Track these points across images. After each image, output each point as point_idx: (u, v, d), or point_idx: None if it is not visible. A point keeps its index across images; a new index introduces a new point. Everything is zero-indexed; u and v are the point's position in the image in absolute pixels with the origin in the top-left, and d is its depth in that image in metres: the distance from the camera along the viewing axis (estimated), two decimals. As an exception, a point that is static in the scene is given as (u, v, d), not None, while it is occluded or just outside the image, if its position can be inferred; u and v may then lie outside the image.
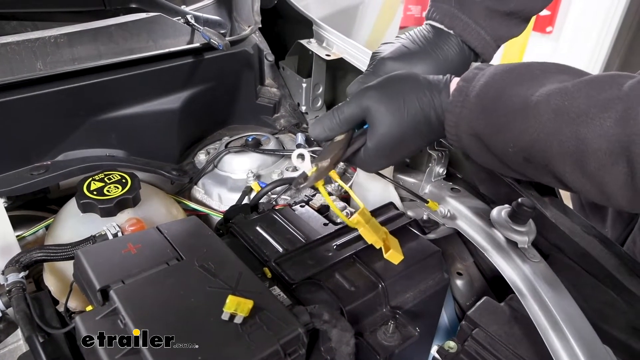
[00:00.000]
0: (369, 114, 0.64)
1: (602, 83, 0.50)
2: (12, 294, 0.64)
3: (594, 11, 3.00)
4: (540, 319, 0.67)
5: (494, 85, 0.57)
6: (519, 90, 0.55)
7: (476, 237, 0.81)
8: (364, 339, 0.64)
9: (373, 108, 0.63)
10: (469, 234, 0.83)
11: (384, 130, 0.63)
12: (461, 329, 0.72)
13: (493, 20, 0.75)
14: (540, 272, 0.73)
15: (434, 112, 0.62)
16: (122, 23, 0.96)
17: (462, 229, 0.84)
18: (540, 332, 0.65)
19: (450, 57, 0.76)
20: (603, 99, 0.48)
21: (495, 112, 0.56)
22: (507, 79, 0.57)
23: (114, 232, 0.74)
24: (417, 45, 0.77)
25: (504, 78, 0.57)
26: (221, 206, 0.99)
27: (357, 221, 0.69)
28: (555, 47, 3.29)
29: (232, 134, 1.15)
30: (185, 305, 0.55)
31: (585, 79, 0.52)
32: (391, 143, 0.64)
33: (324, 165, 0.63)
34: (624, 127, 0.46)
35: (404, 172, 0.97)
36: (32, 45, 0.84)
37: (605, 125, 0.47)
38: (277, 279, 0.68)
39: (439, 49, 0.76)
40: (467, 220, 0.85)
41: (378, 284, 0.68)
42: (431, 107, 0.62)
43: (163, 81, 1.00)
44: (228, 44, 0.98)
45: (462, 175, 0.95)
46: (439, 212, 0.87)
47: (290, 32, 1.29)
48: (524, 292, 0.70)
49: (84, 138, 0.93)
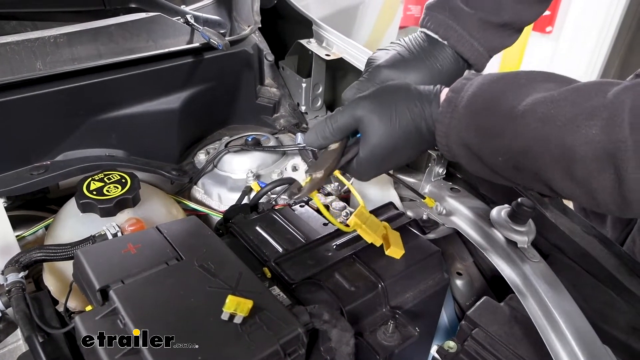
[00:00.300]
0: (362, 123, 0.65)
1: (587, 91, 0.51)
2: (11, 293, 0.64)
3: (594, 11, 3.00)
4: (540, 319, 0.67)
5: (481, 95, 0.58)
6: (506, 99, 0.56)
7: (476, 237, 0.81)
8: (363, 339, 0.64)
9: (366, 118, 0.64)
10: (469, 233, 0.83)
11: (375, 140, 0.64)
12: (461, 328, 0.72)
13: (486, 32, 0.76)
14: (540, 272, 0.73)
15: (425, 123, 0.63)
16: (122, 23, 0.96)
17: (461, 228, 0.84)
18: (540, 332, 0.65)
19: (444, 66, 0.77)
20: (589, 107, 0.49)
21: (483, 122, 0.57)
22: (495, 89, 0.58)
23: (114, 232, 0.74)
24: (412, 53, 0.78)
25: (491, 88, 0.58)
26: (221, 206, 0.99)
27: (355, 223, 0.69)
28: (555, 47, 3.29)
29: (232, 133, 1.15)
30: (185, 305, 0.55)
31: (571, 87, 0.52)
32: (383, 153, 0.65)
33: (318, 176, 0.64)
34: (609, 134, 0.47)
35: (404, 172, 0.97)
36: (31, 45, 0.84)
37: (591, 132, 0.48)
38: (276, 278, 0.68)
39: (433, 58, 0.77)
40: (466, 219, 0.85)
41: (378, 284, 0.68)
42: (422, 118, 0.63)
43: (163, 81, 1.00)
44: (228, 43, 0.98)
45: (462, 175, 0.95)
46: (434, 209, 0.87)
47: (290, 32, 1.29)
48: (523, 292, 0.70)
49: (83, 138, 0.93)
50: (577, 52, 3.18)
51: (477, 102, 0.58)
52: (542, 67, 3.47)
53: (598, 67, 3.16)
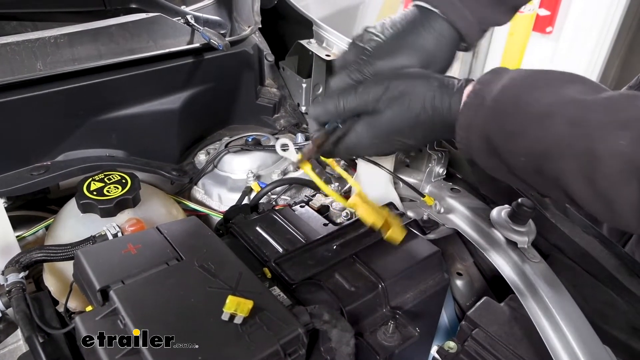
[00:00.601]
0: (376, 106, 0.64)
1: (621, 101, 0.50)
2: (12, 294, 0.64)
3: (594, 11, 3.00)
4: (540, 319, 0.67)
5: (512, 89, 0.56)
6: (536, 96, 0.54)
7: (476, 237, 0.81)
8: (363, 339, 0.64)
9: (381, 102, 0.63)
10: (469, 233, 0.83)
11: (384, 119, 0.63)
12: (461, 329, 0.72)
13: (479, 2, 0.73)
14: (540, 272, 0.73)
15: (439, 114, 0.62)
16: (122, 23, 0.96)
17: (461, 228, 0.84)
18: (540, 333, 0.65)
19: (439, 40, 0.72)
20: (622, 118, 0.48)
21: (510, 117, 0.55)
22: (525, 85, 0.56)
23: (114, 232, 0.74)
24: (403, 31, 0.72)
25: (522, 83, 0.56)
26: (221, 206, 0.99)
27: (355, 202, 0.67)
28: (555, 47, 3.29)
29: (232, 134, 1.15)
30: (185, 306, 0.55)
31: (604, 95, 0.51)
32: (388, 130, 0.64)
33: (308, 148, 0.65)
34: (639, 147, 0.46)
35: (404, 172, 0.97)
36: (32, 45, 0.84)
37: (620, 143, 0.47)
38: (277, 279, 0.68)
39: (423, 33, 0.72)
40: (466, 220, 0.85)
41: (378, 284, 0.68)
42: (437, 108, 0.62)
43: (163, 81, 1.00)
44: (228, 44, 0.98)
45: (462, 175, 0.95)
46: (434, 207, 0.87)
47: (290, 33, 1.29)
48: (524, 292, 0.70)
49: (84, 138, 0.93)
50: (577, 52, 3.18)
51: (506, 95, 0.56)
52: (542, 67, 3.46)
53: (598, 68, 3.16)
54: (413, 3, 0.77)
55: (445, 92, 0.61)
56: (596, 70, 3.18)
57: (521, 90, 0.56)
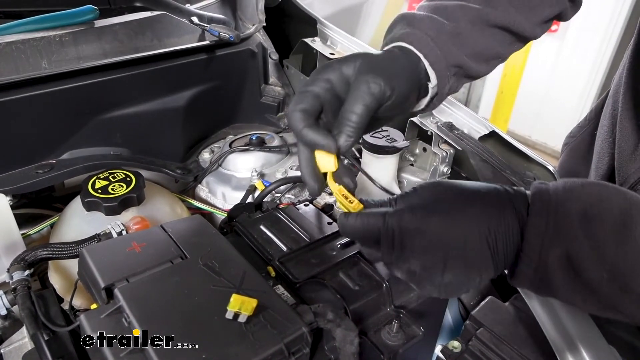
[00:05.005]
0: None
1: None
2: (17, 291, 0.64)
3: (600, 9, 2.98)
4: (545, 319, 0.66)
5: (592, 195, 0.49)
6: (615, 203, 0.47)
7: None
8: (368, 338, 0.64)
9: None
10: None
11: None
12: (465, 328, 0.72)
13: (441, 35, 0.63)
14: (545, 272, 0.72)
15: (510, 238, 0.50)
16: (127, 22, 0.96)
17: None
18: (545, 332, 0.65)
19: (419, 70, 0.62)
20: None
21: (593, 227, 0.47)
22: (603, 192, 0.49)
23: (119, 230, 0.74)
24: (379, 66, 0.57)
25: (599, 191, 0.49)
26: (225, 205, 1.00)
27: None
28: (560, 46, 3.28)
29: (236, 132, 1.15)
30: (189, 304, 0.56)
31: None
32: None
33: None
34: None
35: (408, 172, 0.97)
36: (37, 44, 0.84)
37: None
38: (281, 277, 0.68)
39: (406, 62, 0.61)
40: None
41: (382, 283, 0.68)
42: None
43: (167, 80, 1.00)
44: (239, 34, 0.99)
45: (467, 174, 0.95)
46: None
47: (295, 31, 1.29)
48: (528, 292, 0.70)
49: (88, 136, 0.94)
50: (583, 50, 3.17)
51: (590, 202, 0.48)
52: (547, 66, 3.45)
53: (603, 67, 3.15)
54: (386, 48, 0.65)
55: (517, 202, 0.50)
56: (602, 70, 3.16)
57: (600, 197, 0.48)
